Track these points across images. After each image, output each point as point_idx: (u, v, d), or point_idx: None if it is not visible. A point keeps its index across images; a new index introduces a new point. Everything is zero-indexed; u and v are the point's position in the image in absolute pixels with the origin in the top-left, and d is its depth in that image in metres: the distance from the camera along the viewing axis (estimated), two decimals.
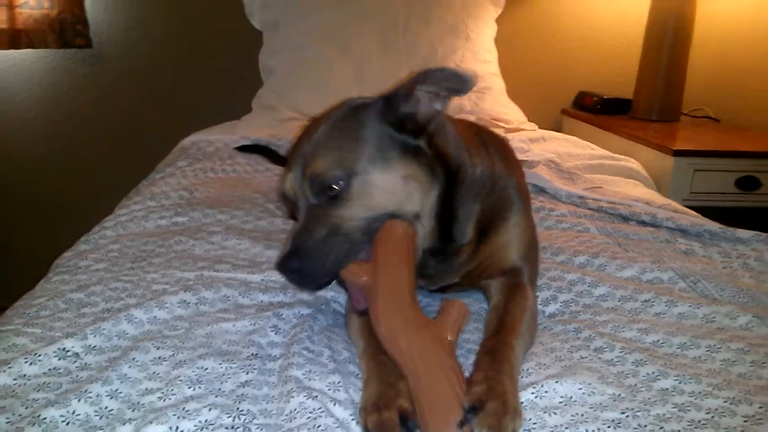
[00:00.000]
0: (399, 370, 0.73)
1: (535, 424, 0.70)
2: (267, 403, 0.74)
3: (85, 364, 0.79)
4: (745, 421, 0.69)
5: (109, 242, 1.19)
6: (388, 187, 0.85)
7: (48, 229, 2.55)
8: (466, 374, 0.75)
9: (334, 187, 0.84)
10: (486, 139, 1.05)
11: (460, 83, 0.85)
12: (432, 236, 0.90)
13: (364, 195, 0.84)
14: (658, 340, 0.87)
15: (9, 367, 0.76)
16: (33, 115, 2.43)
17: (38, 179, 2.51)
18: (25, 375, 0.76)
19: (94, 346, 0.82)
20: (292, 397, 0.72)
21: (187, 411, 0.69)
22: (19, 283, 1.28)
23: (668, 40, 2.26)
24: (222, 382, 0.76)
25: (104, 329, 0.85)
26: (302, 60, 2.21)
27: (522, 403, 0.72)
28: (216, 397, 0.73)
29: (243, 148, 1.87)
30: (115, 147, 2.49)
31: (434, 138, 0.89)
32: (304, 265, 0.82)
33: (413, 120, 0.87)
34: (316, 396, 0.72)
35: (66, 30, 2.23)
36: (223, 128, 2.10)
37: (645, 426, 0.69)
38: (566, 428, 0.68)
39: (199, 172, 1.65)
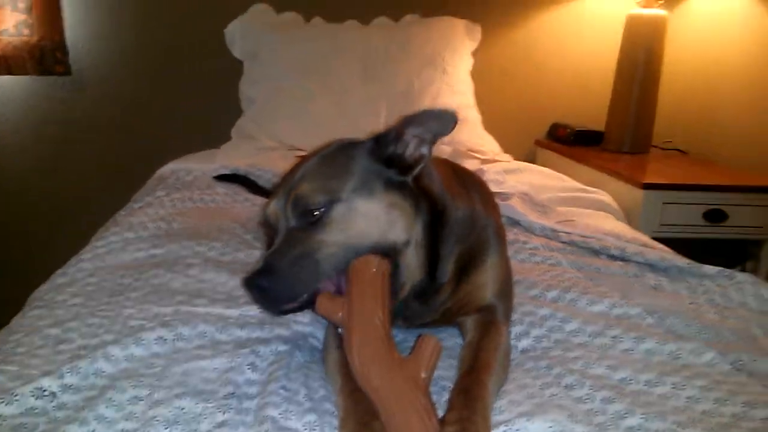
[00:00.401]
0: (375, 408, 0.75)
1: None
2: None
3: (62, 403, 0.79)
4: None
5: (86, 275, 1.19)
6: (371, 214, 0.87)
7: (24, 255, 2.52)
8: (441, 412, 0.77)
9: (315, 212, 0.86)
10: (465, 179, 1.08)
11: (443, 125, 0.90)
12: (420, 273, 0.93)
13: (344, 221, 0.86)
14: (626, 377, 0.90)
15: None
16: (9, 140, 2.42)
17: (16, 203, 2.49)
18: (1, 415, 0.76)
19: (71, 385, 0.82)
20: None
21: None
22: None
23: (639, 75, 2.34)
24: (199, 423, 0.77)
25: (81, 367, 0.85)
26: (282, 90, 2.24)
27: None
28: None
29: (222, 177, 1.88)
30: (93, 173, 2.49)
31: (420, 179, 0.93)
32: (271, 285, 0.83)
33: (401, 161, 0.91)
34: None
35: (46, 57, 2.23)
36: (201, 157, 2.11)
37: None
38: None
39: (177, 202, 1.65)
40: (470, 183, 1.10)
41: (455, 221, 0.97)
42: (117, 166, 2.46)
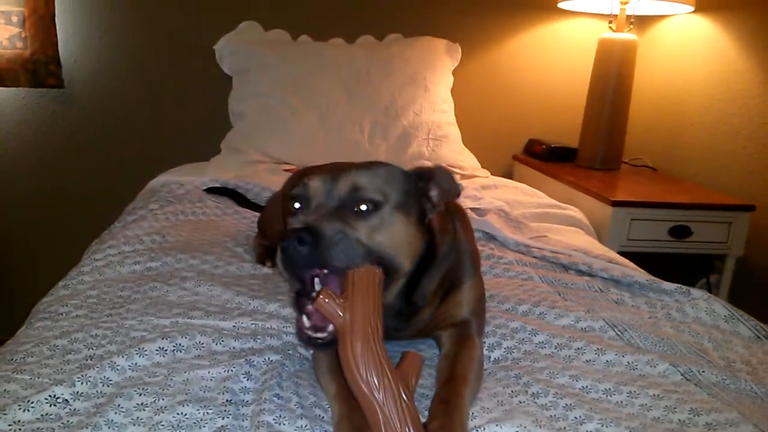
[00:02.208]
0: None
1: None
2: None
3: (74, 410, 0.86)
4: None
5: (87, 288, 1.26)
6: (401, 232, 0.94)
7: (15, 263, 2.57)
8: (421, 417, 0.85)
9: (364, 206, 0.90)
10: (448, 207, 1.18)
11: (454, 191, 1.03)
12: (393, 298, 1.01)
13: (384, 225, 0.92)
14: (586, 386, 0.99)
15: (4, 413, 0.82)
16: (2, 152, 2.46)
17: (8, 213, 2.53)
18: (19, 421, 0.82)
19: (82, 393, 0.90)
20: None
21: None
22: None
23: (610, 95, 2.44)
24: (200, 427, 0.84)
25: (90, 376, 0.92)
26: (269, 106, 2.31)
27: None
28: None
29: (212, 190, 1.95)
30: (85, 184, 2.53)
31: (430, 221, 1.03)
32: (310, 242, 0.83)
33: (428, 201, 1.01)
34: None
35: (39, 70, 2.28)
36: (192, 169, 2.17)
37: None
38: None
39: (170, 215, 1.72)
40: (452, 209, 1.19)
41: (443, 256, 1.06)
42: (109, 178, 2.52)
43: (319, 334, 0.86)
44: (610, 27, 2.48)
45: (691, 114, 2.49)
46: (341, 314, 0.82)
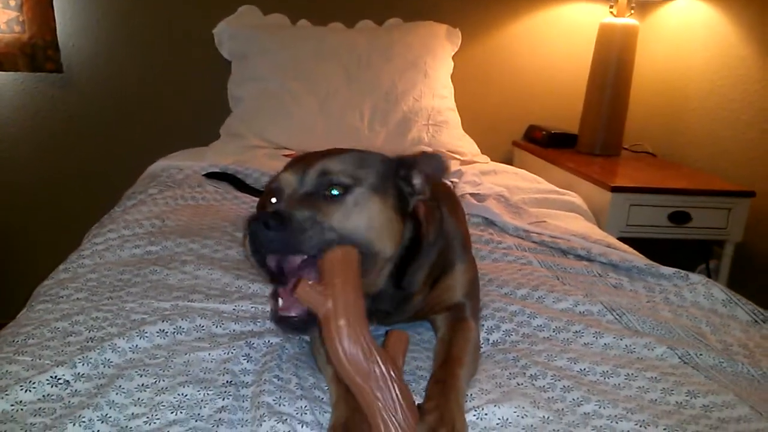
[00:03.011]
0: None
1: None
2: (241, 426, 0.83)
3: (76, 390, 0.87)
4: None
5: (88, 271, 1.26)
6: (376, 215, 0.92)
7: (14, 249, 2.57)
8: (418, 399, 0.86)
9: (335, 189, 0.90)
10: (436, 190, 1.17)
11: (443, 173, 1.01)
12: (383, 283, 1.00)
13: (356, 207, 0.90)
14: (584, 369, 1.00)
15: (6, 394, 0.83)
16: (1, 136, 2.46)
17: (7, 198, 2.53)
18: (21, 401, 0.83)
19: (83, 374, 0.90)
20: (264, 421, 0.81)
21: None
22: None
23: (610, 80, 2.44)
24: (201, 408, 0.85)
25: (91, 358, 0.93)
26: (268, 91, 2.31)
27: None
28: (196, 421, 0.82)
29: (211, 175, 1.95)
30: (84, 169, 2.53)
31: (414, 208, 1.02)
32: (277, 228, 0.83)
33: (410, 188, 1.00)
34: (286, 419, 0.82)
35: (37, 54, 2.27)
36: (191, 154, 2.17)
37: None
38: None
39: (169, 200, 1.72)
40: (441, 194, 1.18)
41: (429, 243, 1.06)
42: (108, 162, 2.51)
43: (293, 313, 0.85)
44: (611, 12, 2.47)
45: (692, 100, 2.48)
46: (323, 302, 0.80)
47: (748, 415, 0.87)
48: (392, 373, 0.79)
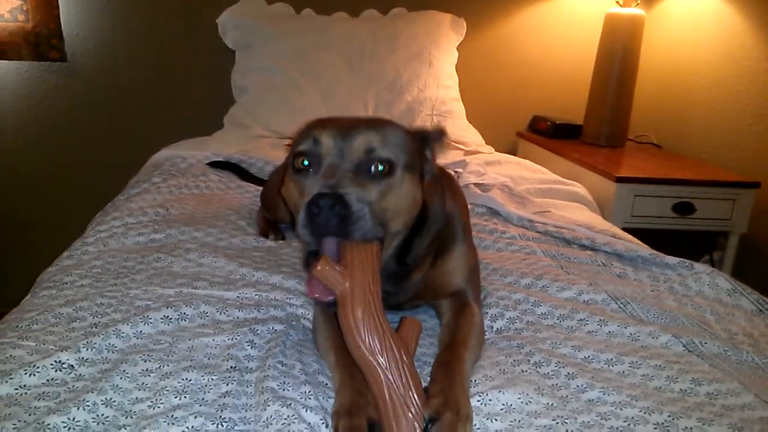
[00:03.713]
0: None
1: (479, 428, 0.81)
2: (246, 411, 0.83)
3: (80, 375, 0.87)
4: (655, 428, 0.81)
5: (92, 258, 1.27)
6: (408, 195, 0.95)
7: (17, 237, 2.58)
8: (425, 383, 0.86)
9: (381, 167, 0.90)
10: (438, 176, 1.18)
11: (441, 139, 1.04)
12: (392, 258, 1.01)
13: (394, 187, 0.92)
14: (588, 356, 1.00)
15: (10, 378, 0.83)
16: (5, 124, 2.46)
17: (11, 186, 2.54)
18: (25, 385, 0.83)
19: (87, 359, 0.90)
20: (268, 405, 0.81)
21: (176, 418, 0.78)
22: None
23: (616, 71, 2.42)
24: (205, 393, 0.85)
25: (95, 343, 0.93)
26: (272, 81, 2.30)
27: None
28: (200, 406, 0.82)
29: (215, 164, 1.95)
30: (89, 157, 2.53)
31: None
32: (341, 215, 0.83)
33: (426, 163, 1.02)
34: (290, 404, 0.82)
35: (41, 43, 2.27)
36: (194, 143, 2.16)
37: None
38: None
39: (173, 189, 1.72)
40: (443, 178, 1.19)
41: (433, 219, 1.06)
42: (111, 151, 2.51)
43: (318, 296, 0.86)
44: (617, 2, 2.46)
45: (698, 90, 2.47)
46: (341, 281, 0.81)
47: (753, 402, 0.87)
48: (405, 357, 0.80)
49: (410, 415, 0.76)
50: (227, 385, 0.87)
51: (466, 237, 1.17)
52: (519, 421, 0.82)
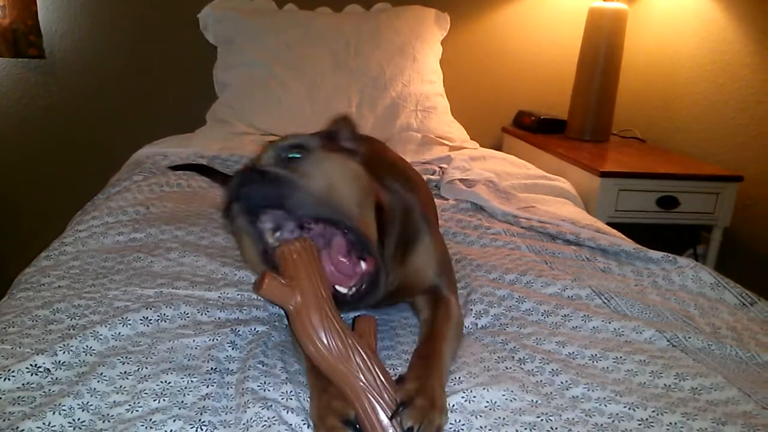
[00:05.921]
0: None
1: (463, 425, 0.80)
2: (226, 414, 0.81)
3: (56, 378, 0.85)
4: (639, 424, 0.81)
5: (70, 259, 1.24)
6: (340, 169, 0.95)
7: None
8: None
9: (295, 153, 0.94)
10: (393, 165, 1.18)
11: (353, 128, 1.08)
12: (392, 259, 1.00)
13: (321, 161, 0.93)
14: (573, 352, 0.99)
15: None
16: None
17: None
18: (0, 389, 0.82)
19: (64, 362, 0.88)
20: (249, 407, 0.80)
21: (154, 422, 0.77)
22: None
23: (600, 66, 2.43)
24: (184, 395, 0.83)
25: (72, 346, 0.91)
26: (255, 77, 2.28)
27: (453, 406, 0.82)
28: (179, 409, 0.80)
29: (179, 167, 1.87)
30: (68, 155, 2.50)
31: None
32: (259, 182, 0.86)
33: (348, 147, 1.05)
34: (271, 405, 0.80)
35: (19, 40, 2.23)
36: (176, 141, 2.14)
37: (556, 429, 0.80)
38: (489, 430, 0.79)
39: (154, 187, 1.70)
40: (396, 168, 1.20)
41: (390, 213, 1.02)
42: (92, 149, 2.48)
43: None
44: None
45: (681, 85, 2.48)
46: (291, 294, 0.78)
47: (736, 397, 0.87)
48: (369, 353, 0.79)
49: (384, 404, 0.76)
50: (207, 387, 0.86)
51: (429, 227, 1.14)
52: (503, 419, 0.81)
